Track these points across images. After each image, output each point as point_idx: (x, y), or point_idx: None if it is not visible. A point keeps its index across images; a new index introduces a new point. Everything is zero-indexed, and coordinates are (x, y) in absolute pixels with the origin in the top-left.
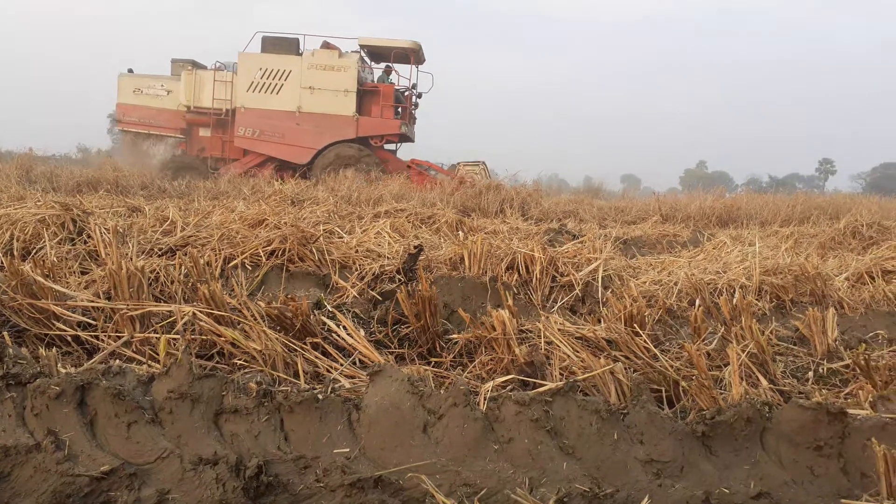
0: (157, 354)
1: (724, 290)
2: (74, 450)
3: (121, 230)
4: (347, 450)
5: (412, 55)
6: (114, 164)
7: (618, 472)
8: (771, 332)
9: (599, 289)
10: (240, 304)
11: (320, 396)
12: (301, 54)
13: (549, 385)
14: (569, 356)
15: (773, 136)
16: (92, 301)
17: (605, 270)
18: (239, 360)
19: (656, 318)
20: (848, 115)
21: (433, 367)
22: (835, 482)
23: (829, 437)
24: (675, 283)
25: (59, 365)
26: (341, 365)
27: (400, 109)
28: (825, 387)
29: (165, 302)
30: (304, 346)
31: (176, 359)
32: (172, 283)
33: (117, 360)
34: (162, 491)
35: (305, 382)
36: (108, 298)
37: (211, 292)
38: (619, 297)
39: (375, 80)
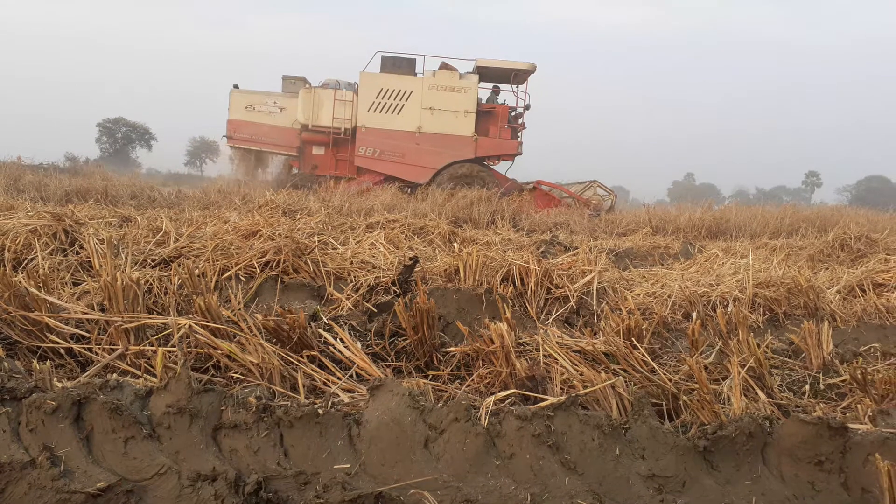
0: (153, 367)
1: (718, 302)
2: (70, 466)
3: (114, 241)
4: (348, 465)
5: (527, 76)
6: (102, 173)
7: (620, 488)
8: (766, 346)
9: (594, 301)
10: (236, 316)
11: (320, 411)
12: (417, 74)
13: (551, 400)
14: (567, 370)
15: (759, 148)
16: (86, 313)
17: (599, 283)
18: (235, 372)
19: (652, 330)
20: (834, 129)
21: (431, 380)
22: (836, 498)
23: (830, 452)
24: (670, 296)
25: (54, 379)
26: (339, 379)
27: (512, 129)
28: (822, 400)
29: (159, 313)
30: (300, 358)
31: (174, 373)
32: (166, 294)
33: (113, 374)
34: None
35: (304, 397)
36: (102, 310)
37: (207, 304)
38: (614, 310)
39: (484, 100)
